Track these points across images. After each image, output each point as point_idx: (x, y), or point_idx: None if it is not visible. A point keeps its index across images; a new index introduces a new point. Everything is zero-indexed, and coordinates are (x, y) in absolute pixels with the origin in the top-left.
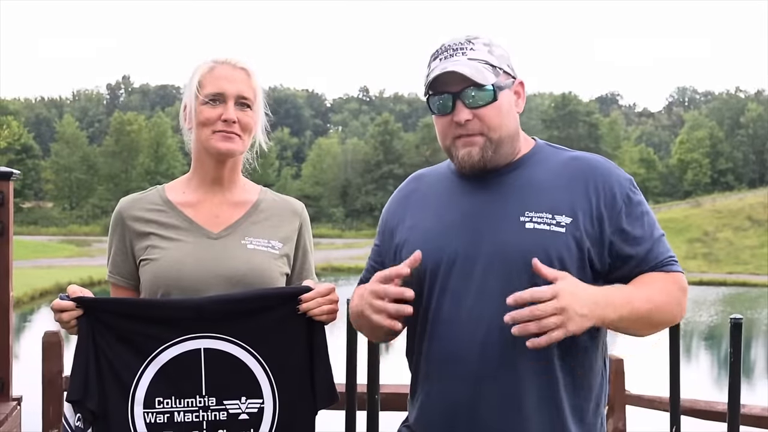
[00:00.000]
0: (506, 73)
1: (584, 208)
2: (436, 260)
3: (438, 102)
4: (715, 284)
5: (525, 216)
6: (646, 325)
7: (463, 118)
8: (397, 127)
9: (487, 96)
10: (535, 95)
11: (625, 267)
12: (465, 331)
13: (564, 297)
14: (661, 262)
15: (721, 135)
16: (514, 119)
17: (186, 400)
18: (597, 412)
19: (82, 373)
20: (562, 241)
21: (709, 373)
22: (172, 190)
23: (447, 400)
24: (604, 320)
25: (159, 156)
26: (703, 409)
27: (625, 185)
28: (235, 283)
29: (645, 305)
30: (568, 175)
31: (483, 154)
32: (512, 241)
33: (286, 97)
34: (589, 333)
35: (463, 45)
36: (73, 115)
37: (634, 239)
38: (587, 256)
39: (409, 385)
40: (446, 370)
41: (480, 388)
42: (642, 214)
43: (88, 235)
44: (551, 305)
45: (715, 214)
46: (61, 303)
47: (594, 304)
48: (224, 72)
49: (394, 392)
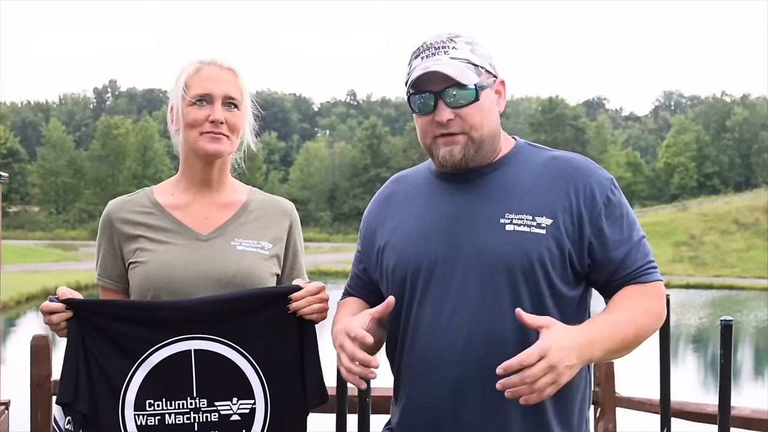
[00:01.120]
0: (488, 72)
1: (565, 208)
2: (416, 264)
3: (419, 101)
4: (701, 287)
5: (505, 218)
6: (630, 349)
7: (445, 118)
8: (384, 131)
9: (469, 95)
10: (522, 99)
11: (604, 270)
12: (446, 335)
13: (552, 355)
14: (639, 269)
15: (708, 139)
16: (495, 118)
17: (177, 402)
18: (581, 413)
19: (72, 375)
20: (542, 243)
21: (697, 375)
22: (160, 192)
23: (429, 405)
24: (591, 359)
25: (146, 160)
26: (693, 411)
27: (605, 185)
28: (224, 284)
29: (629, 332)
30: (549, 176)
31: (465, 153)
32: (492, 244)
33: (273, 100)
34: None
35: (445, 43)
36: (60, 119)
37: (612, 242)
38: (568, 257)
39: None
40: (428, 375)
41: (462, 392)
42: (621, 215)
43: (75, 240)
44: (540, 367)
45: (701, 217)
46: (50, 305)
47: (579, 350)
48: (211, 73)
49: (386, 395)
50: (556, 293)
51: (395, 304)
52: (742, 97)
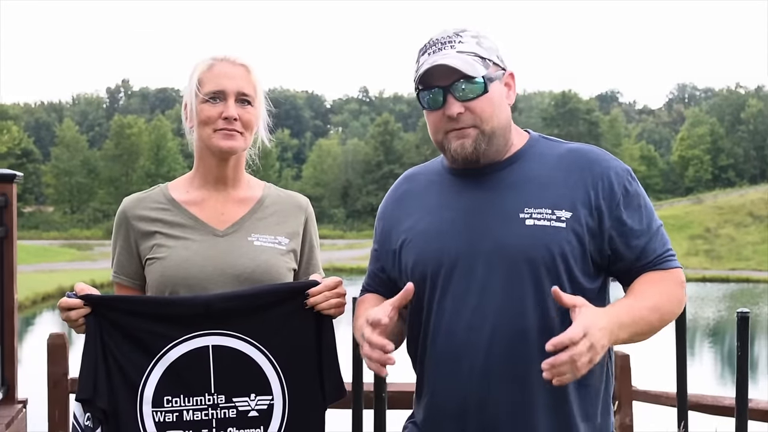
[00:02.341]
0: (496, 65)
1: (583, 201)
2: (437, 261)
3: (428, 97)
4: (717, 281)
5: (524, 212)
6: (652, 333)
7: (455, 112)
8: (397, 127)
9: (477, 88)
10: (535, 93)
11: (625, 260)
12: (470, 329)
13: (593, 333)
14: (660, 257)
15: (722, 131)
16: (506, 111)
17: (195, 398)
18: (605, 406)
19: (90, 371)
20: (563, 237)
21: (713, 369)
22: (175, 188)
23: (454, 399)
24: (617, 342)
25: (159, 159)
26: (710, 404)
27: (623, 176)
28: (242, 280)
29: (654, 317)
30: (566, 168)
31: (476, 146)
32: (513, 239)
33: (285, 98)
34: None
35: (451, 38)
36: (73, 119)
37: (632, 232)
38: (588, 249)
39: (415, 383)
40: (453, 368)
41: (488, 384)
42: (639, 206)
43: (89, 239)
44: (584, 345)
45: (716, 210)
46: (68, 301)
47: (610, 332)
48: (223, 69)
49: (401, 390)
50: (577, 286)
51: (416, 301)
52: (757, 89)
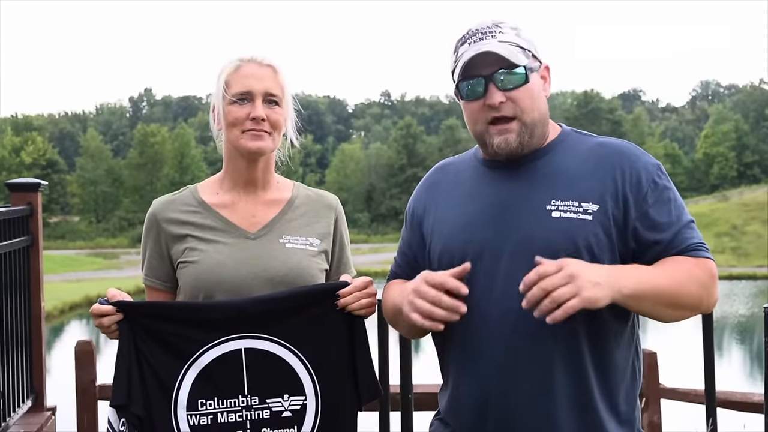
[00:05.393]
0: (534, 57)
1: (610, 193)
2: (462, 251)
3: (468, 87)
4: (745, 278)
5: (551, 204)
6: (668, 304)
7: (497, 101)
8: (419, 130)
9: (519, 78)
10: (557, 94)
11: (650, 252)
12: (494, 322)
13: (571, 265)
14: (688, 246)
15: (747, 128)
16: (544, 103)
17: (228, 401)
18: (629, 399)
19: (124, 377)
20: (589, 230)
21: (742, 367)
22: (204, 190)
23: (478, 390)
24: (622, 291)
25: (183, 167)
26: (739, 401)
27: (651, 170)
28: (276, 283)
29: (665, 281)
30: (595, 161)
31: (520, 140)
32: (539, 231)
33: (307, 104)
34: (616, 317)
35: (491, 28)
36: (97, 128)
37: (659, 225)
38: (615, 242)
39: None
40: (476, 360)
41: (510, 377)
42: (668, 200)
43: (115, 248)
44: (559, 276)
45: (742, 207)
46: (100, 308)
47: (608, 275)
48: (250, 70)
49: (428, 392)
50: None
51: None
52: None
